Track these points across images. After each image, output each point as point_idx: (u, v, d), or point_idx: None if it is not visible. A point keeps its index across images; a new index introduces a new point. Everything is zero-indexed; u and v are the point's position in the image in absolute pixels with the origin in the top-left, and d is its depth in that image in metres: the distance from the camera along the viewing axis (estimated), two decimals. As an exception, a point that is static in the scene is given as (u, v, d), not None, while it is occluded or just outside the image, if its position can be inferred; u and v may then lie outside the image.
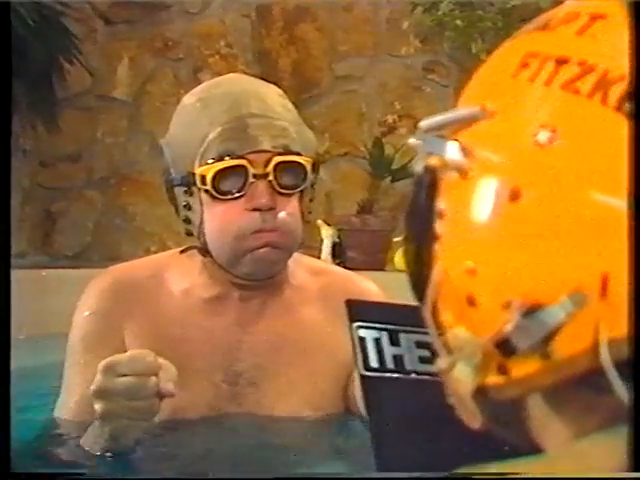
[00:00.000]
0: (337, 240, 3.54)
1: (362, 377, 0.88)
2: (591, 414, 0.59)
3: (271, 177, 1.47)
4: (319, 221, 3.51)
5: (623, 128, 0.55)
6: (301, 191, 1.52)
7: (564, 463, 0.58)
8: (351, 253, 3.53)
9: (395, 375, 0.83)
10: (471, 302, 0.59)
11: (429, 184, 0.62)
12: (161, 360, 1.30)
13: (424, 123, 0.63)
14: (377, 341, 0.86)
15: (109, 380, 1.28)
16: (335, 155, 3.91)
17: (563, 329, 0.56)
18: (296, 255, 1.57)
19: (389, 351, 0.85)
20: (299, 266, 1.61)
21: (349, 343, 1.54)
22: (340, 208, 3.85)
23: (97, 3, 4.14)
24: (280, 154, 1.48)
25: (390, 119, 3.91)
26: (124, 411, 1.30)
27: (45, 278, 3.55)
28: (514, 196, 0.57)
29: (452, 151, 0.61)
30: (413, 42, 3.90)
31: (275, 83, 1.62)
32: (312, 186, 1.55)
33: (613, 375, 0.54)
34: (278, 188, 1.48)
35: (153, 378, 1.29)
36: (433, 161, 0.62)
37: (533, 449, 0.62)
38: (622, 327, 0.55)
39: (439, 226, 0.61)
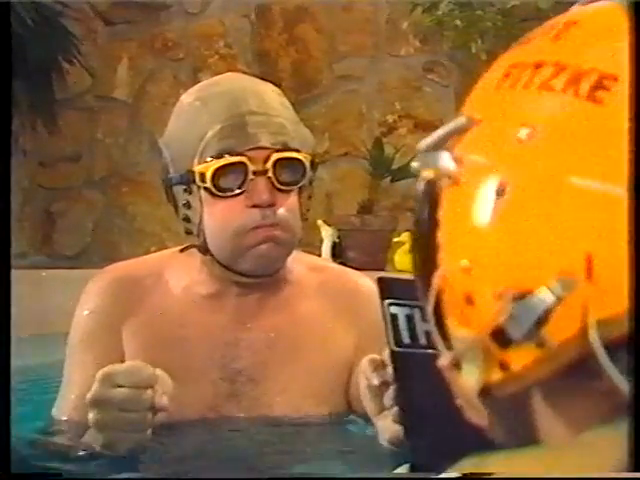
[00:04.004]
0: (337, 240, 3.54)
1: (393, 353, 0.89)
2: (590, 407, 0.59)
3: (270, 174, 1.48)
4: (319, 221, 3.51)
5: (595, 115, 0.59)
6: (300, 188, 1.53)
7: (566, 456, 0.59)
8: (351, 253, 3.53)
9: (428, 351, 0.84)
10: (469, 300, 0.61)
11: (429, 198, 0.65)
12: (158, 372, 1.31)
13: (422, 144, 0.66)
14: (409, 317, 0.88)
15: (105, 390, 1.29)
16: (335, 155, 3.91)
17: (554, 315, 0.57)
18: (294, 252, 1.58)
19: (421, 327, 0.87)
20: (297, 263, 1.61)
21: (348, 339, 1.56)
22: (340, 208, 3.85)
23: (97, 3, 4.14)
24: (279, 151, 1.49)
25: (390, 119, 3.91)
26: (117, 422, 1.30)
27: (45, 278, 3.55)
28: (500, 191, 0.60)
29: (444, 161, 0.64)
30: (413, 42, 3.90)
31: (275, 83, 1.62)
32: (310, 184, 1.56)
33: (603, 356, 0.56)
34: (277, 185, 1.49)
35: (149, 391, 1.29)
36: (429, 173, 0.65)
37: (537, 444, 0.63)
38: (609, 308, 0.56)
39: (440, 236, 0.64)
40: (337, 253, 3.52)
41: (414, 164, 0.66)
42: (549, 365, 0.58)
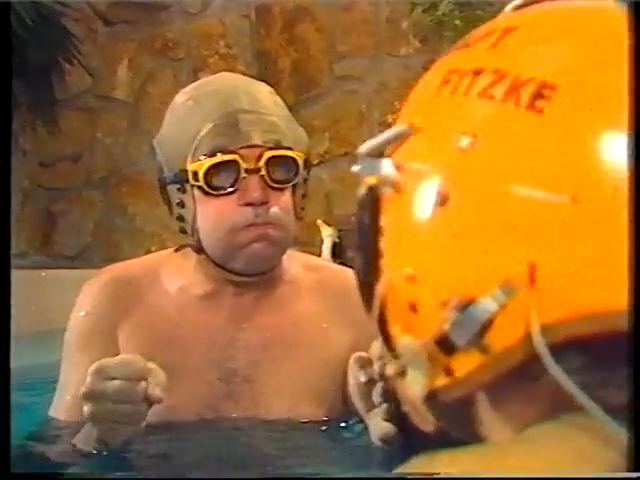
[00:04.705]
0: (337, 240, 3.55)
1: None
2: (533, 405, 0.60)
3: (263, 172, 1.48)
4: (319, 221, 3.52)
5: (536, 125, 0.59)
6: (294, 186, 1.53)
7: (511, 453, 0.59)
8: (351, 253, 3.53)
9: None
10: (413, 308, 0.62)
11: (371, 203, 0.65)
12: (151, 365, 1.31)
13: (362, 148, 0.66)
14: None
15: (99, 383, 1.29)
16: (335, 155, 3.92)
17: (497, 321, 0.58)
18: (290, 251, 1.58)
19: None
20: (293, 262, 1.61)
21: (344, 338, 1.55)
22: (340, 208, 3.85)
23: (97, 3, 4.15)
24: (271, 149, 1.49)
25: (390, 119, 3.91)
26: (111, 415, 1.30)
27: (45, 278, 3.56)
28: (443, 200, 0.60)
29: (386, 168, 0.64)
30: (413, 42, 3.91)
31: (275, 83, 1.63)
32: (305, 182, 1.56)
33: (548, 360, 0.56)
34: (270, 183, 1.49)
35: (142, 383, 1.29)
36: (371, 180, 0.65)
37: (481, 441, 0.64)
38: (552, 313, 0.57)
39: (382, 242, 0.64)
40: (337, 253, 3.52)
41: (355, 168, 0.66)
42: (493, 370, 0.59)
